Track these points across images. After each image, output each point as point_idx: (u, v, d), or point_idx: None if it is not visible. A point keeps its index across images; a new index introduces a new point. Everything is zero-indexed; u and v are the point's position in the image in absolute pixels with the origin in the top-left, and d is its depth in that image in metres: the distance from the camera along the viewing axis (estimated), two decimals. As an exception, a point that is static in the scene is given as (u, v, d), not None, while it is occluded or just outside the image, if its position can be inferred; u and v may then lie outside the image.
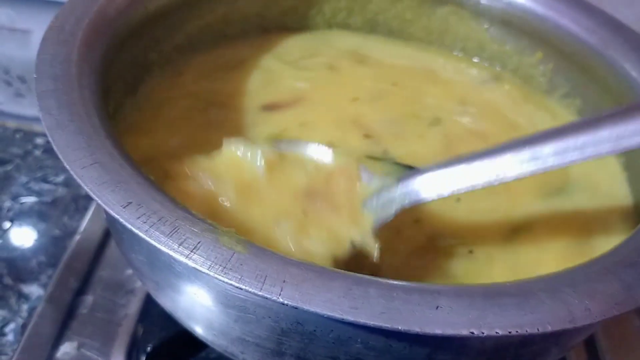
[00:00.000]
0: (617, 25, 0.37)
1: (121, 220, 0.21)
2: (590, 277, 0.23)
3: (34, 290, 0.44)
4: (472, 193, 0.28)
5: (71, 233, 0.48)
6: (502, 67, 0.43)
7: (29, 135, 0.58)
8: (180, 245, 0.21)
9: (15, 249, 0.47)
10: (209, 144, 0.29)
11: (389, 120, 0.38)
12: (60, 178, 0.53)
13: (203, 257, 0.21)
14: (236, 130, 0.36)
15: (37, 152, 0.56)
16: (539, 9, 0.39)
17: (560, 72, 0.40)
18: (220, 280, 0.20)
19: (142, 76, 0.37)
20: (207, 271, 0.20)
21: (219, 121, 0.36)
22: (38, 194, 0.52)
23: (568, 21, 0.38)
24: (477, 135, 0.38)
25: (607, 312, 0.21)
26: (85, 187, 0.22)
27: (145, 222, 0.21)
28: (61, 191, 0.52)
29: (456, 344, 0.23)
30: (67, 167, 0.23)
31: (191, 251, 0.21)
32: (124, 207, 0.22)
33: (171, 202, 0.22)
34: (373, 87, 0.40)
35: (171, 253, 0.21)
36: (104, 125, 0.25)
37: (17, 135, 0.58)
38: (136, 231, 0.21)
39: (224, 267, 0.20)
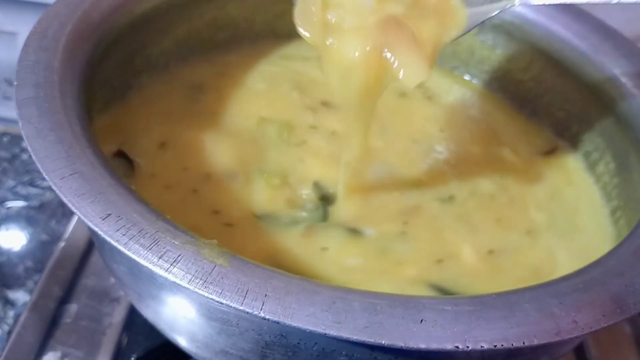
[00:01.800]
0: (608, 31, 0.37)
1: (100, 232, 0.21)
2: (577, 288, 0.22)
3: (20, 296, 0.43)
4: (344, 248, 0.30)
5: (59, 238, 0.47)
6: (492, 72, 0.43)
7: (16, 139, 0.57)
8: (160, 258, 0.20)
9: (1, 254, 0.46)
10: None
11: None
12: (48, 182, 0.53)
13: (183, 271, 0.20)
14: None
15: (25, 156, 0.55)
16: (530, 14, 0.39)
17: (550, 77, 0.40)
18: (200, 294, 0.20)
19: (129, 82, 0.37)
20: (187, 285, 0.20)
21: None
22: (25, 198, 0.51)
23: (559, 26, 0.38)
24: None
25: (594, 324, 0.21)
26: (64, 199, 0.22)
27: (124, 235, 0.21)
28: (49, 195, 0.52)
29: (442, 356, 0.23)
30: (46, 177, 0.22)
31: (171, 264, 0.20)
32: (103, 219, 0.21)
33: (152, 214, 0.22)
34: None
35: (150, 267, 0.20)
36: (85, 134, 0.25)
37: (4, 139, 0.57)
38: (115, 244, 0.21)
39: (205, 281, 0.20)
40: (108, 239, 0.21)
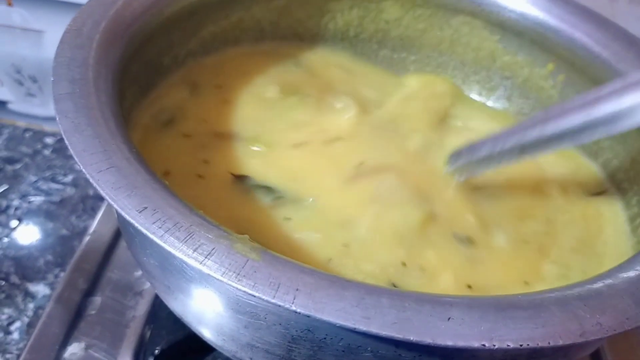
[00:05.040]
0: (630, 39, 0.37)
1: (136, 225, 0.21)
2: (602, 291, 0.23)
3: (40, 289, 0.44)
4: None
5: (79, 233, 0.48)
6: (513, 78, 0.44)
7: (39, 135, 0.58)
8: (194, 251, 0.21)
9: (22, 247, 0.47)
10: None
11: None
12: (69, 178, 0.54)
13: (217, 264, 0.21)
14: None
15: (47, 152, 0.56)
16: (553, 21, 0.39)
17: (571, 85, 0.40)
18: (233, 287, 0.20)
19: (154, 81, 0.38)
20: (220, 277, 0.20)
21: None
22: (46, 193, 0.52)
23: (581, 34, 0.38)
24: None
25: (617, 326, 0.22)
26: (102, 192, 0.22)
27: (160, 227, 0.21)
28: (69, 191, 0.52)
29: (465, 354, 0.23)
30: (84, 170, 0.23)
31: (205, 257, 0.21)
32: (140, 212, 0.22)
33: (186, 208, 0.22)
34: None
35: (185, 259, 0.21)
36: (120, 129, 0.25)
37: (27, 135, 0.58)
38: (151, 236, 0.21)
39: (238, 274, 0.20)
40: (145, 231, 0.21)
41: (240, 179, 0.33)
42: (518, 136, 0.30)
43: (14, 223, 0.49)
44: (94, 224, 0.44)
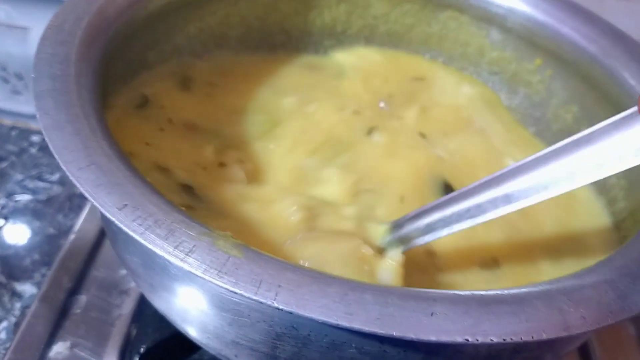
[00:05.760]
0: (618, 34, 0.37)
1: (117, 222, 0.21)
2: (586, 286, 0.23)
3: (27, 288, 0.44)
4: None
5: (65, 232, 0.48)
6: (501, 73, 0.44)
7: (25, 133, 0.57)
8: (175, 248, 0.21)
9: (9, 247, 0.47)
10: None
11: None
12: (56, 176, 0.53)
13: (198, 261, 0.21)
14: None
15: (33, 150, 0.56)
16: (540, 16, 0.39)
17: (559, 79, 0.40)
18: (215, 284, 0.20)
19: (139, 77, 0.37)
20: (202, 275, 0.20)
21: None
22: (33, 192, 0.51)
23: (569, 29, 0.38)
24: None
25: (601, 320, 0.22)
26: (82, 189, 0.22)
27: (140, 225, 0.21)
28: (56, 189, 0.52)
29: (450, 349, 0.23)
30: (64, 168, 0.23)
31: (186, 254, 0.21)
32: (120, 209, 0.21)
33: (167, 205, 0.22)
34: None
35: (166, 256, 0.21)
36: (101, 126, 0.25)
37: (13, 133, 0.57)
38: (131, 233, 0.21)
39: (219, 271, 0.20)
40: (125, 228, 0.21)
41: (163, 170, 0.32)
42: (471, 199, 0.27)
43: (0, 222, 0.49)
44: (79, 222, 0.44)
